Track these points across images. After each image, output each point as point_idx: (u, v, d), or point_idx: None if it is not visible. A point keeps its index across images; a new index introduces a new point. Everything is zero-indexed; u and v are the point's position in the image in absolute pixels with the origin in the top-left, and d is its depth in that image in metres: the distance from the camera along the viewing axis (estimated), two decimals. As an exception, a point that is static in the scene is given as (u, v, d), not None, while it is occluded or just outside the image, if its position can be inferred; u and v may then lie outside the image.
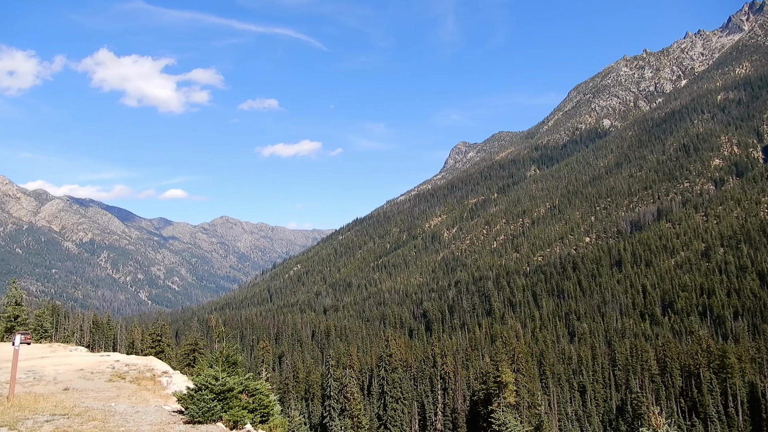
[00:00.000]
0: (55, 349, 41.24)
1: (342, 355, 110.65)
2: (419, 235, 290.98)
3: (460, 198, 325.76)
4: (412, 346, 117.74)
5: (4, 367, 21.88)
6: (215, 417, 11.05)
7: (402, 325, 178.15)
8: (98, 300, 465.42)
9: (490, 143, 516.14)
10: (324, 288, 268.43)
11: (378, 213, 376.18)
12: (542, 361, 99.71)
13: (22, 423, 9.84)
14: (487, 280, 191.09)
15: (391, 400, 77.15)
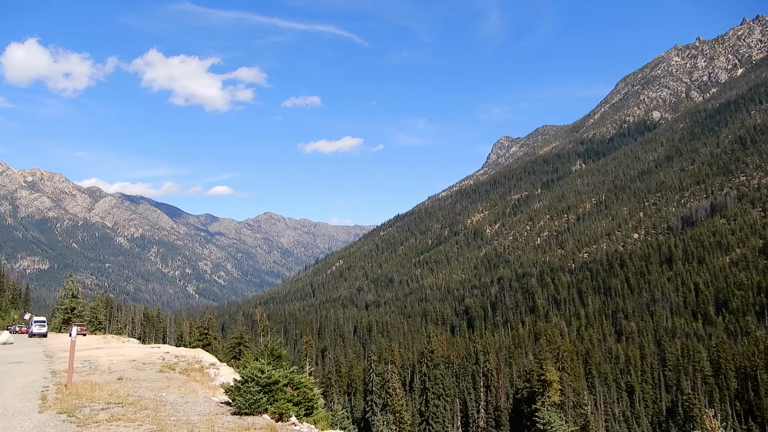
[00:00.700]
0: (109, 340, 42.98)
1: (384, 351, 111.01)
2: (461, 231, 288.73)
3: (503, 193, 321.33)
4: (454, 343, 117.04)
5: (63, 357, 22.92)
6: (261, 409, 11.21)
7: (444, 322, 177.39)
8: (148, 293, 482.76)
9: (534, 137, 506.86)
10: (366, 284, 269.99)
11: (419, 209, 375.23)
12: (588, 360, 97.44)
13: (79, 410, 10.23)
14: (531, 276, 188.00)
15: (433, 397, 76.95)
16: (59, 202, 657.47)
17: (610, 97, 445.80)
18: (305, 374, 14.97)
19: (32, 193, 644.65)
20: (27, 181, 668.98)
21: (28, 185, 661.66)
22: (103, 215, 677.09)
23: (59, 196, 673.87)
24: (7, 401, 11.31)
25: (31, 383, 14.14)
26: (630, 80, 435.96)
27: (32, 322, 51.82)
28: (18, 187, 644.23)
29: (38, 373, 16.71)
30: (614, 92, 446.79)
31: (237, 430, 9.36)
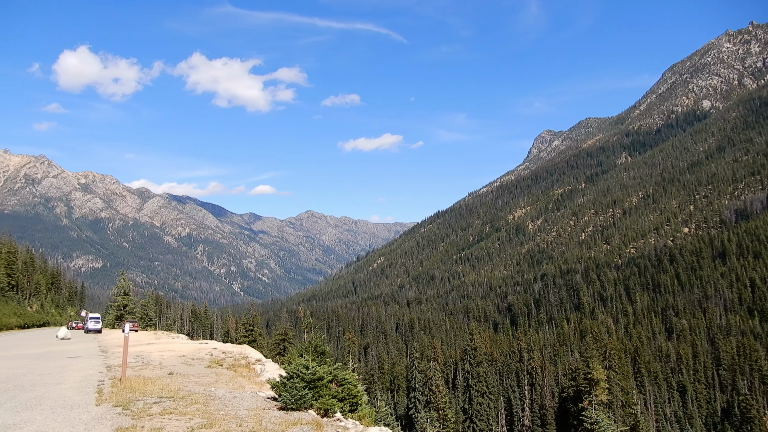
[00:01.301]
0: (159, 336, 44.41)
1: (426, 348, 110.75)
2: (503, 228, 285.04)
3: (545, 188, 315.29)
4: (497, 340, 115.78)
5: (117, 352, 23.80)
6: (307, 405, 11.31)
7: (486, 319, 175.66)
8: (196, 291, 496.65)
9: (577, 131, 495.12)
10: (407, 280, 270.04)
11: (460, 205, 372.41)
12: (637, 358, 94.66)
13: (133, 404, 10.57)
14: (576, 273, 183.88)
15: (476, 394, 76.34)
16: (111, 203, 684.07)
17: (656, 87, 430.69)
18: (349, 371, 15.05)
19: (85, 195, 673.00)
20: (80, 183, 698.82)
21: (82, 187, 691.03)
22: (151, 215, 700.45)
23: (110, 197, 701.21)
24: (66, 394, 11.80)
25: (88, 377, 14.72)
26: (678, 69, 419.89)
27: (88, 318, 54.06)
28: (72, 189, 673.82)
29: (94, 367, 17.38)
30: (661, 82, 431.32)
31: (284, 425, 9.48)
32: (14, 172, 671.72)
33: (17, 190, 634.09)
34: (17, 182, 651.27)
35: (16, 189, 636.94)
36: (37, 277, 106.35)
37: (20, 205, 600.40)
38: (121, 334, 46.52)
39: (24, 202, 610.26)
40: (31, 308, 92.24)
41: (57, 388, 12.62)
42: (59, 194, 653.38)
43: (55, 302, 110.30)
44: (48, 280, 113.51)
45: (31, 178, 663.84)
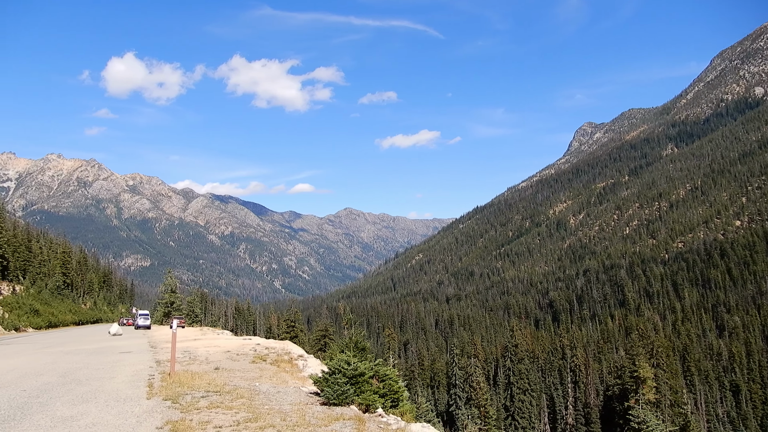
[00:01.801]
0: (205, 332, 45.67)
1: (466, 345, 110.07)
2: (543, 222, 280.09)
3: (587, 182, 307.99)
4: (538, 337, 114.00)
5: (165, 348, 24.62)
6: (348, 400, 11.46)
7: (527, 315, 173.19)
8: (239, 288, 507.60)
9: (619, 122, 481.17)
10: (446, 277, 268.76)
11: (499, 200, 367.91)
12: (686, 356, 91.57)
13: (182, 397, 10.94)
14: (620, 268, 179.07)
15: (518, 392, 75.45)
16: (157, 204, 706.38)
17: (704, 74, 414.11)
18: (390, 367, 15.14)
19: (133, 196, 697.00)
20: (128, 185, 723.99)
21: (130, 189, 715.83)
22: (195, 215, 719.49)
23: (157, 198, 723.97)
24: (119, 388, 12.30)
25: (139, 372, 15.30)
26: (727, 55, 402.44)
27: (137, 315, 56.05)
28: (121, 191, 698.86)
29: (144, 362, 18.04)
30: (709, 69, 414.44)
31: (327, 420, 9.64)
32: (67, 176, 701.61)
33: (70, 193, 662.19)
34: (70, 185, 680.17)
35: (69, 192, 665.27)
36: (90, 275, 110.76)
37: (73, 207, 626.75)
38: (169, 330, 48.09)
39: (77, 204, 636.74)
40: (84, 305, 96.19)
41: (110, 382, 13.17)
42: (109, 196, 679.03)
43: (107, 300, 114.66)
44: (100, 279, 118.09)
45: (83, 181, 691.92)
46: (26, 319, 57.87)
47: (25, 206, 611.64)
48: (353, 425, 9.34)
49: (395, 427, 10.06)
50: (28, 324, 57.32)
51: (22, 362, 17.90)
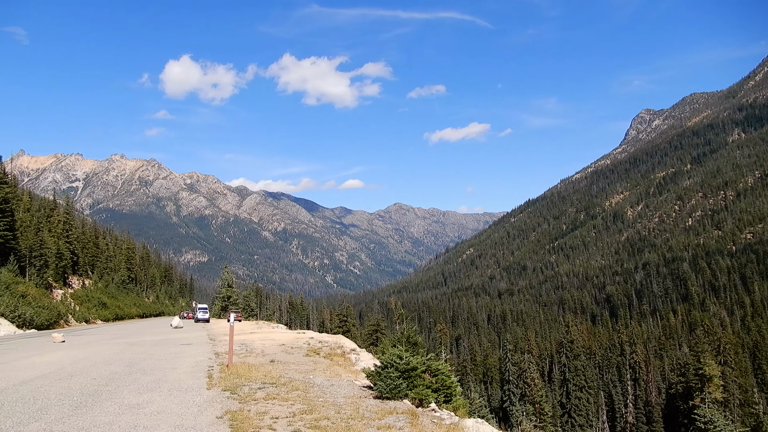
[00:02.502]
0: (261, 326, 46.88)
1: (519, 340, 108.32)
2: (598, 215, 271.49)
3: (645, 172, 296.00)
4: (595, 333, 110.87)
5: (223, 340, 25.43)
6: (401, 394, 11.48)
7: (583, 311, 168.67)
8: (292, 283, 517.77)
9: (680, 108, 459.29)
10: (498, 271, 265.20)
11: (551, 193, 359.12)
12: (757, 353, 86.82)
13: (240, 389, 11.26)
14: (682, 261, 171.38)
15: (574, 389, 73.66)
16: (213, 201, 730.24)
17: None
18: (442, 361, 15.08)
19: (191, 194, 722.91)
20: (186, 184, 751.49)
21: (188, 187, 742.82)
22: (250, 211, 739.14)
23: (213, 196, 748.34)
24: (181, 378, 12.79)
25: (199, 363, 15.86)
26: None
27: (197, 309, 58.15)
28: (179, 189, 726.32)
29: (204, 354, 18.69)
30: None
31: (380, 413, 9.69)
32: (130, 176, 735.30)
33: (133, 192, 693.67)
34: (132, 184, 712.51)
35: (132, 191, 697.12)
36: (152, 270, 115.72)
37: (136, 205, 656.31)
38: (227, 323, 49.63)
39: (139, 202, 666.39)
40: (148, 299, 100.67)
41: (173, 373, 13.72)
42: (168, 194, 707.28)
43: (168, 294, 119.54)
44: (162, 274, 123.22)
45: (144, 180, 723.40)
46: (95, 312, 61.09)
47: (92, 205, 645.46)
48: (406, 419, 9.35)
49: (449, 422, 10.01)
50: (96, 316, 60.51)
51: (91, 352, 18.91)
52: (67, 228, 74.40)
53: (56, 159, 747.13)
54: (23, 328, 38.74)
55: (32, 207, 72.03)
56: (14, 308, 38.96)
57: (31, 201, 76.95)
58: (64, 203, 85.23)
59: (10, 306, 38.73)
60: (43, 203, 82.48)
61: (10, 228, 51.58)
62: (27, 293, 44.69)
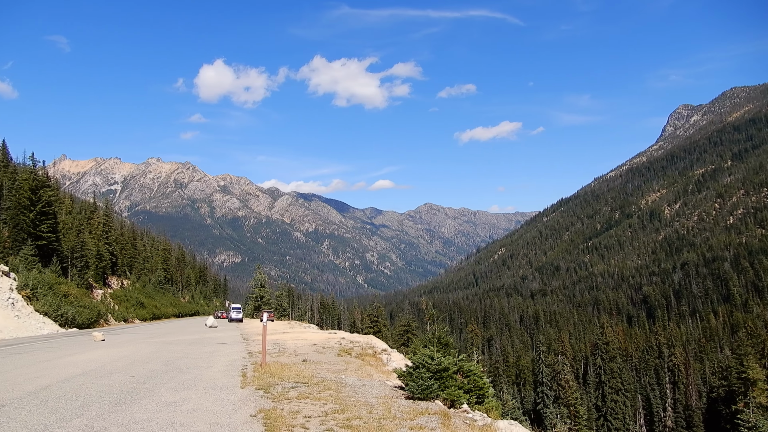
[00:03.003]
0: (293, 326, 47.36)
1: (553, 341, 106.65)
2: (634, 213, 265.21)
3: (683, 169, 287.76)
4: (631, 334, 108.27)
5: (256, 340, 25.79)
6: (433, 395, 11.43)
7: (618, 312, 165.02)
8: (323, 283, 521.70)
9: (720, 103, 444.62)
10: (530, 272, 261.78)
11: (585, 191, 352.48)
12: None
13: (273, 388, 11.40)
14: (723, 261, 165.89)
15: (610, 391, 72.14)
16: (246, 203, 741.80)
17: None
18: (474, 362, 14.95)
19: (224, 196, 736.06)
20: (220, 186, 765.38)
21: (221, 189, 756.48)
22: (281, 212, 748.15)
23: (245, 197, 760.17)
24: (216, 377, 13.03)
25: (233, 362, 16.12)
26: None
27: (231, 309, 59.17)
28: (213, 191, 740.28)
29: (238, 353, 18.99)
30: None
31: (412, 413, 9.67)
32: (165, 178, 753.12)
33: (168, 194, 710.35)
34: (168, 187, 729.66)
35: (167, 193, 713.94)
36: (187, 271, 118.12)
37: (171, 207, 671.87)
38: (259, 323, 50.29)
39: (174, 204, 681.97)
40: (183, 299, 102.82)
41: (208, 371, 13.98)
42: (203, 196, 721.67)
43: (203, 294, 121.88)
44: (196, 274, 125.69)
45: (180, 183, 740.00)
46: (133, 311, 62.74)
47: (130, 207, 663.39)
48: (438, 420, 9.31)
49: (481, 423, 9.92)
50: (134, 316, 62.13)
51: (130, 351, 19.43)
52: (106, 230, 76.63)
53: (96, 163, 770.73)
54: (65, 326, 40.08)
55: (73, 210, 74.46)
56: (57, 308, 40.33)
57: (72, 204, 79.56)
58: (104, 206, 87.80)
59: (53, 305, 40.10)
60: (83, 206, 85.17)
61: (53, 230, 53.41)
62: (69, 293, 46.18)
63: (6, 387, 10.98)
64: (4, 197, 53.27)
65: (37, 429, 7.64)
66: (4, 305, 34.96)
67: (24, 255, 46.60)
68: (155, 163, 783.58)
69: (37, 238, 50.70)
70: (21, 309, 36.55)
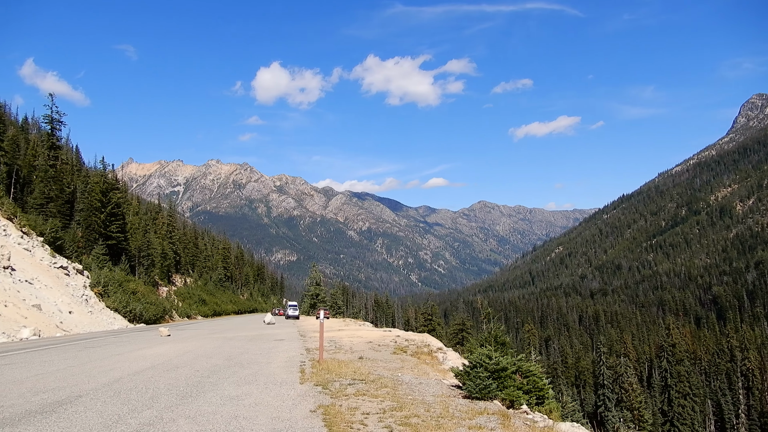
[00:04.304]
0: (348, 323, 47.87)
1: (614, 343, 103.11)
2: (702, 210, 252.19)
3: (758, 162, 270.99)
4: (700, 337, 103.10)
5: (313, 337, 26.20)
6: (491, 395, 11.24)
7: (685, 313, 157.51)
8: (377, 281, 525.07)
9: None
10: (589, 270, 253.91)
11: (648, 187, 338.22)
12: None
13: (331, 384, 11.54)
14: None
15: (677, 396, 68.94)
16: (301, 202, 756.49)
17: None
18: (533, 363, 14.61)
19: (280, 196, 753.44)
20: (276, 186, 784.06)
21: (277, 189, 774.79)
22: (335, 212, 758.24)
23: (301, 197, 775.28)
24: (275, 372, 13.31)
25: (291, 358, 16.44)
26: None
27: (287, 306, 60.43)
28: (270, 191, 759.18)
29: (296, 349, 19.34)
30: None
31: (470, 413, 9.54)
32: (225, 179, 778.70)
33: (228, 195, 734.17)
34: (227, 188, 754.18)
35: (227, 193, 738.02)
36: (246, 269, 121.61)
37: (230, 207, 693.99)
38: (315, 320, 51.17)
39: (233, 205, 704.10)
40: (242, 296, 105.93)
41: (267, 367, 14.30)
42: (260, 196, 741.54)
43: (261, 291, 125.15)
44: (254, 272, 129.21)
45: (238, 184, 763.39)
46: (195, 308, 65.16)
47: (192, 207, 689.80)
48: (498, 420, 9.13)
49: (542, 425, 9.67)
50: (197, 312, 64.52)
51: (194, 346, 20.17)
52: (170, 230, 79.96)
53: (160, 165, 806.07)
54: (134, 322, 42.12)
55: (140, 210, 78.10)
56: (126, 304, 42.45)
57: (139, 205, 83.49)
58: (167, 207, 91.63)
59: (122, 302, 42.24)
60: (149, 207, 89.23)
61: (122, 230, 56.21)
62: (137, 290, 48.50)
63: (83, 379, 11.63)
64: (78, 199, 56.54)
65: (111, 419, 8.03)
66: (79, 301, 37.10)
67: (96, 254, 49.29)
68: (215, 165, 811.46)
69: (108, 237, 53.50)
70: (94, 305, 38.69)
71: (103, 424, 7.65)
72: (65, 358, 15.52)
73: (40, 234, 42.53)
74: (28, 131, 68.81)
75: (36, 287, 33.49)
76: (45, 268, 37.74)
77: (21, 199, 50.19)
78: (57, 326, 29.75)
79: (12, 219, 41.19)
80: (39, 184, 50.42)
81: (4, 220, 39.49)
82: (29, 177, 52.72)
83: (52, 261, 39.70)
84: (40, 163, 52.54)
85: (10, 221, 40.55)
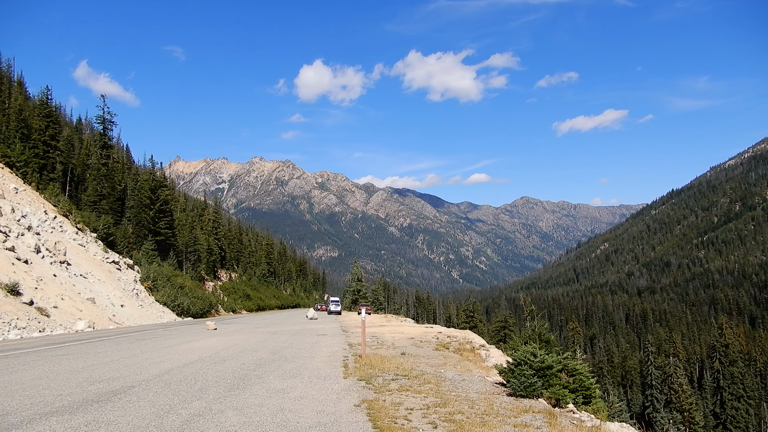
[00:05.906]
0: (389, 319, 48.02)
1: (663, 342, 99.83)
2: (758, 205, 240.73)
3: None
4: (755, 337, 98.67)
5: (355, 332, 26.42)
6: (536, 393, 11.07)
7: (739, 312, 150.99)
8: (418, 278, 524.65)
9: None
10: (636, 268, 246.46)
11: (699, 182, 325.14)
12: None
13: (374, 379, 11.61)
14: None
15: (730, 398, 66.27)
16: (342, 199, 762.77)
17: None
18: (579, 361, 14.30)
19: (322, 192, 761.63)
20: (318, 182, 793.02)
21: (319, 185, 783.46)
22: (376, 208, 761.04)
23: (342, 194, 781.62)
24: (319, 366, 13.49)
25: (334, 353, 16.62)
26: None
27: (330, 301, 61.12)
28: (311, 188, 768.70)
29: (338, 344, 19.54)
30: None
31: (515, 411, 9.43)
32: (268, 176, 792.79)
33: (270, 191, 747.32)
34: (270, 184, 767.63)
35: (269, 190, 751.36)
36: (288, 265, 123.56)
37: (273, 204, 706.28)
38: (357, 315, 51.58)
39: (276, 201, 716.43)
40: (285, 291, 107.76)
41: (311, 361, 14.51)
42: (302, 193, 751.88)
43: (303, 287, 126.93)
44: (297, 268, 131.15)
45: (280, 180, 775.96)
46: (240, 303, 66.68)
47: (236, 204, 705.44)
48: (543, 418, 8.99)
49: (590, 424, 9.46)
50: (241, 306, 66.02)
51: (240, 339, 20.65)
52: (215, 226, 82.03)
53: (206, 163, 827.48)
54: (181, 315, 43.45)
55: (187, 207, 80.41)
56: (174, 298, 43.82)
57: (185, 202, 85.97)
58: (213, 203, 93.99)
59: (171, 296, 43.62)
60: (195, 204, 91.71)
61: (170, 226, 58.01)
62: (184, 285, 50.00)
63: (135, 370, 12.08)
64: (128, 197, 58.67)
65: (163, 408, 8.31)
66: (130, 295, 38.53)
67: (145, 249, 51.06)
68: (258, 162, 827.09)
69: (156, 234, 55.32)
70: (144, 299, 40.11)
71: (155, 414, 7.93)
72: (118, 349, 16.16)
73: (93, 230, 44.35)
74: (81, 131, 71.79)
75: (90, 281, 34.96)
76: (98, 263, 39.35)
77: (75, 196, 52.46)
78: (110, 319, 31.00)
79: (68, 216, 43.10)
80: (92, 182, 52.57)
81: (60, 217, 41.37)
82: (83, 175, 55.01)
83: (104, 256, 41.36)
84: (93, 162, 54.75)
85: (65, 218, 42.45)
